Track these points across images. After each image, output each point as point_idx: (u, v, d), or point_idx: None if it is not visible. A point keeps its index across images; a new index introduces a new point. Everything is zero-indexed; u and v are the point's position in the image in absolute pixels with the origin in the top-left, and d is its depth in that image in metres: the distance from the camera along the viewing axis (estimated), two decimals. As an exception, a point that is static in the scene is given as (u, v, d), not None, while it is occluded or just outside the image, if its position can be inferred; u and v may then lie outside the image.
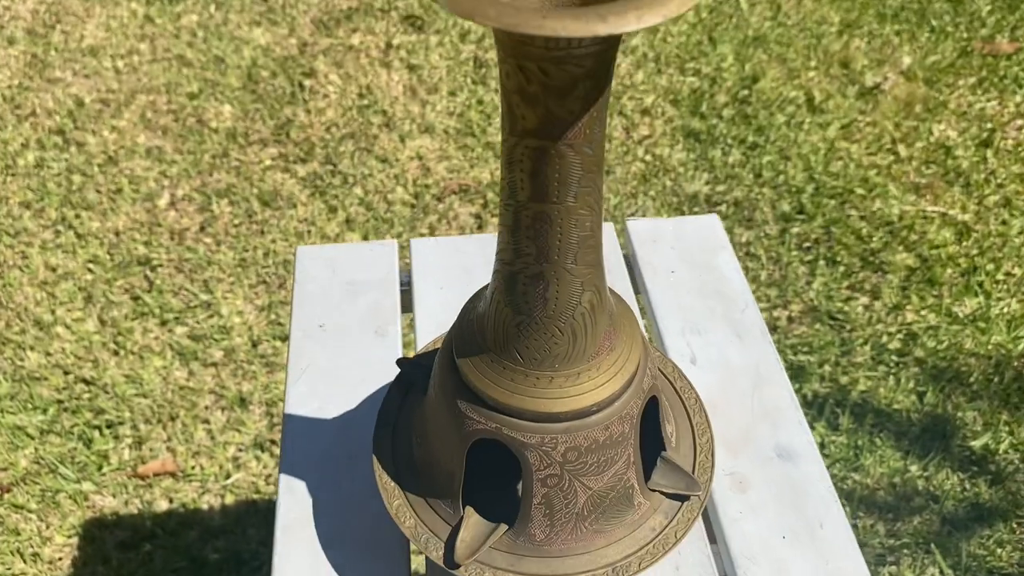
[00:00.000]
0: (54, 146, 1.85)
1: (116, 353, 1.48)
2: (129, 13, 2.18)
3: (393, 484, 0.53)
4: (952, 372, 1.38)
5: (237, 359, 1.47)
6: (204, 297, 1.55)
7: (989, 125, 1.78)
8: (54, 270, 1.61)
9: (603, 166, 0.40)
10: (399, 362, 0.58)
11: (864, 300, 1.50)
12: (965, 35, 1.98)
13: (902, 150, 1.74)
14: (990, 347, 1.41)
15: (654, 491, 0.52)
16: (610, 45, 0.35)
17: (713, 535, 0.60)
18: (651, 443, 0.54)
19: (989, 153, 1.72)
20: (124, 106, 1.93)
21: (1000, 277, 1.52)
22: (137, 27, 2.14)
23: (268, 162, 1.79)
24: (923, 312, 1.47)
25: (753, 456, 0.63)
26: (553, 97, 0.35)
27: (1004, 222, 1.60)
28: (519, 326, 0.44)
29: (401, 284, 0.76)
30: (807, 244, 1.59)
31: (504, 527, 0.50)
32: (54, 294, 1.57)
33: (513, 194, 0.40)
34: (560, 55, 0.34)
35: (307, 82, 1.97)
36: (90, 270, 1.61)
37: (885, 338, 1.44)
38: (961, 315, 1.46)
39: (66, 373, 1.46)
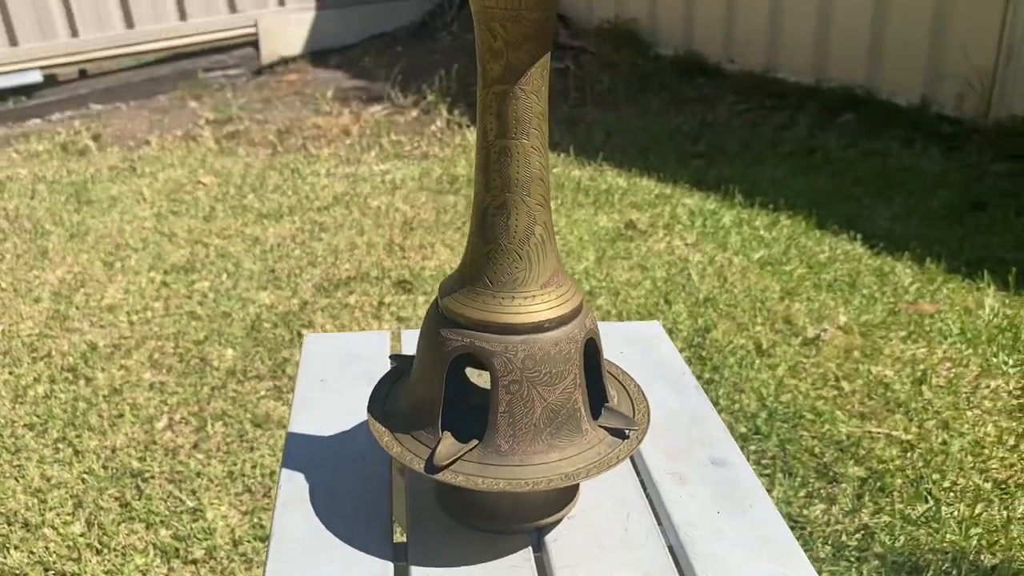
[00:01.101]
0: (64, 380, 1.99)
1: (99, 552, 1.51)
2: (148, 280, 2.43)
3: (383, 427, 0.64)
4: (911, 566, 1.44)
5: (218, 556, 1.50)
6: (191, 503, 1.61)
7: (921, 367, 1.97)
8: (48, 480, 1.68)
9: (547, 119, 0.57)
10: (392, 357, 0.70)
11: (822, 506, 1.58)
12: (892, 299, 2.24)
13: (845, 385, 1.91)
14: (945, 544, 1.48)
15: (600, 427, 0.63)
16: (549, 15, 0.54)
17: (659, 518, 0.69)
18: (596, 405, 0.65)
19: (924, 388, 1.89)
20: (134, 349, 2.10)
21: (946, 485, 1.61)
22: (154, 290, 2.38)
23: (263, 392, 1.93)
24: (878, 515, 1.55)
25: (690, 463, 0.73)
26: (512, 48, 0.54)
27: (944, 442, 1.73)
28: (488, 254, 0.59)
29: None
30: (764, 460, 1.70)
31: (475, 442, 0.60)
32: (45, 500, 1.63)
33: (485, 136, 0.57)
34: (514, 14, 0.53)
35: (305, 331, 2.17)
36: (83, 480, 1.68)
37: (844, 536, 1.50)
38: (914, 516, 1.54)
39: (46, 570, 1.48)
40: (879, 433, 1.76)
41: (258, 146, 3.63)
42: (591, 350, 0.63)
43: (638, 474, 0.72)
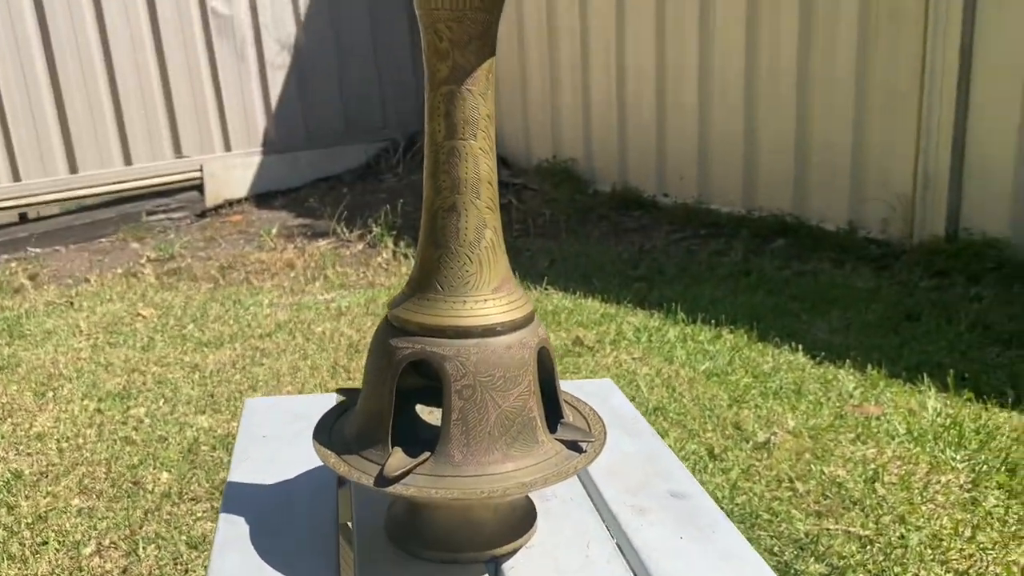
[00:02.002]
0: (-15, 508, 1.87)
1: None
2: (81, 408, 2.34)
3: (328, 451, 0.60)
4: (881, 660, 1.38)
5: None
6: (118, 629, 1.50)
7: (872, 466, 1.96)
8: (-40, 611, 1.55)
9: (494, 122, 0.58)
10: (338, 391, 0.68)
11: (785, 604, 1.53)
12: (838, 404, 2.26)
13: (799, 486, 1.89)
14: (913, 636, 1.43)
15: (557, 440, 0.60)
16: (493, 17, 0.56)
17: (620, 547, 0.66)
18: (551, 421, 0.63)
19: (877, 485, 1.88)
20: (63, 475, 2.00)
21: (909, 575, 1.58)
22: (87, 418, 2.29)
23: (200, 514, 1.83)
24: (843, 610, 1.50)
25: (649, 495, 0.71)
26: (458, 49, 0.55)
27: (902, 535, 1.71)
28: (439, 259, 0.58)
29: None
30: (724, 562, 1.65)
31: (427, 454, 0.57)
32: (-45, 632, 1.50)
33: (433, 138, 0.57)
34: (459, 15, 0.55)
35: (245, 453, 2.09)
36: (-1, 610, 1.55)
37: (811, 633, 1.45)
38: (879, 610, 1.50)
39: None
40: (837, 530, 1.73)
41: (200, 281, 3.61)
42: (544, 360, 0.62)
43: (596, 508, 0.70)
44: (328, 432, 0.63)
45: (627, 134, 4.47)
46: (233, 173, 5.07)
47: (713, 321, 2.83)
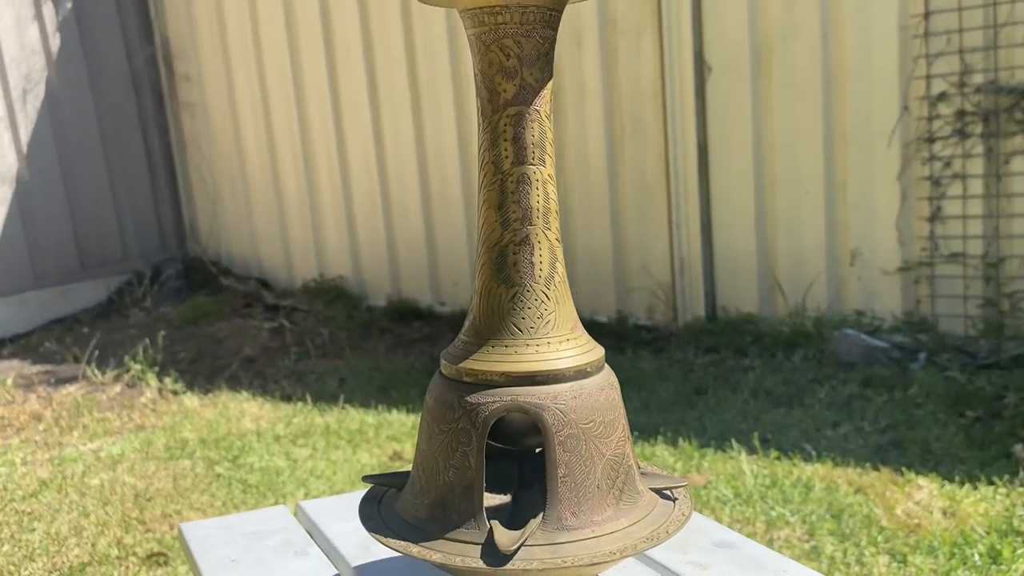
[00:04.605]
0: None
1: None
2: None
3: (405, 542, 0.50)
4: None
5: None
6: None
7: (714, 532, 2.02)
8: None
9: (555, 148, 0.54)
10: (365, 479, 0.58)
11: None
12: (663, 480, 2.32)
13: None
14: None
15: (649, 489, 0.55)
16: (555, 35, 0.52)
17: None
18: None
19: None
20: None
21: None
22: None
23: None
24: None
25: (698, 551, 0.66)
26: (526, 66, 0.51)
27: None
28: (513, 299, 0.52)
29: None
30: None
31: (537, 519, 0.49)
32: None
33: (499, 167, 0.52)
34: (528, 30, 0.50)
35: (37, 633, 1.75)
36: None
37: None
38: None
39: None
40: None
41: (-75, 446, 3.06)
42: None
43: (655, 570, 0.64)
44: (382, 523, 0.53)
45: (396, 246, 4.48)
46: (-54, 322, 4.43)
47: (523, 417, 2.83)
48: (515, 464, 0.55)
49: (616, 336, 3.71)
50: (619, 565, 0.64)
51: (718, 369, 3.22)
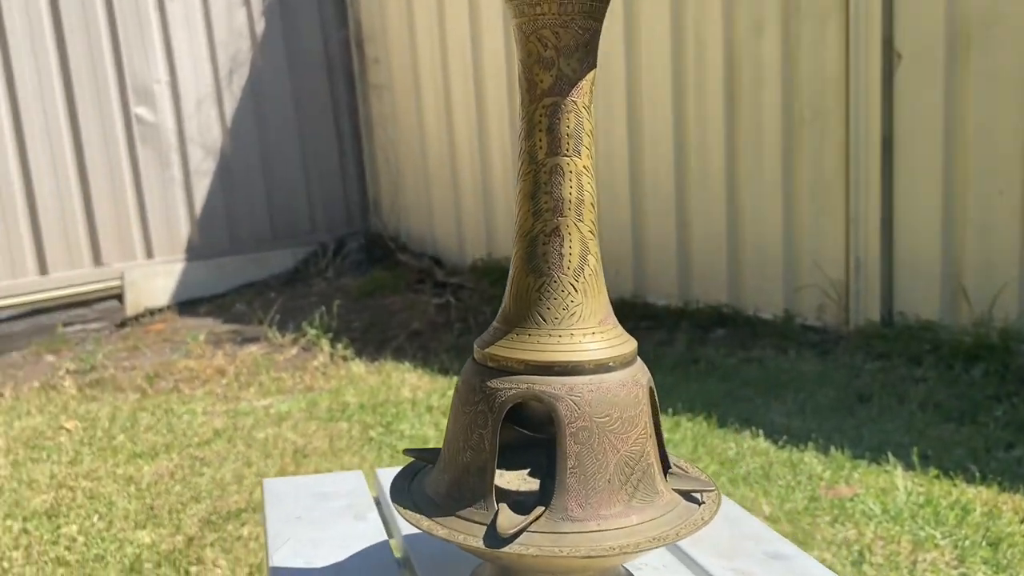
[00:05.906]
0: None
1: None
2: (3, 529, 2.13)
3: (418, 514, 0.52)
4: None
5: None
6: None
7: (856, 547, 1.92)
8: None
9: (594, 139, 0.54)
10: (407, 451, 0.60)
11: None
12: (809, 487, 2.23)
13: (787, 571, 1.83)
14: None
15: (673, 490, 0.54)
16: (598, 25, 0.52)
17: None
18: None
19: (865, 566, 1.84)
20: (-14, 605, 1.79)
21: (917, 660, 1.52)
22: (12, 539, 2.08)
23: (149, 638, 1.65)
24: None
25: (747, 559, 0.64)
26: (563, 57, 0.51)
27: (901, 617, 1.65)
28: (540, 288, 0.52)
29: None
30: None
31: (541, 508, 0.50)
32: None
33: (533, 156, 0.52)
34: (566, 20, 0.50)
35: (194, 568, 1.92)
36: None
37: None
38: None
39: None
40: (835, 614, 1.66)
41: (126, 391, 3.41)
42: (652, 401, 0.56)
43: (695, 575, 0.62)
44: (408, 495, 0.55)
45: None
46: (155, 281, 4.89)
47: (670, 409, 2.79)
48: (546, 453, 0.56)
49: (780, 335, 3.57)
50: (659, 563, 0.63)
51: (887, 377, 3.04)
